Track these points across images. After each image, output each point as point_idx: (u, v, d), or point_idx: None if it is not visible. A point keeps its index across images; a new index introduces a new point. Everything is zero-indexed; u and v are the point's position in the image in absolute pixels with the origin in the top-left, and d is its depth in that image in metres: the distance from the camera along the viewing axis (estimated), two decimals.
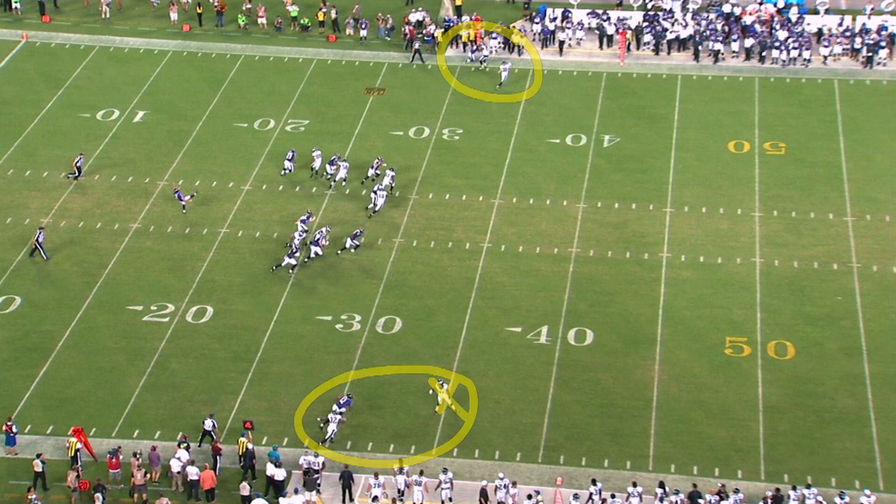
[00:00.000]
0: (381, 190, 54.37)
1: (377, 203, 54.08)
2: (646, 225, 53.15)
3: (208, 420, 42.67)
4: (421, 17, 68.98)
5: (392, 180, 55.32)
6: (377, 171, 56.21)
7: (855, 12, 67.70)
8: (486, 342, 47.32)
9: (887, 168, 56.21)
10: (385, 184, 54.90)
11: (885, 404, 43.44)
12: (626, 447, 42.38)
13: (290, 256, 50.58)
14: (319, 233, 51.60)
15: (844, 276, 49.63)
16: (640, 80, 64.51)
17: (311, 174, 56.92)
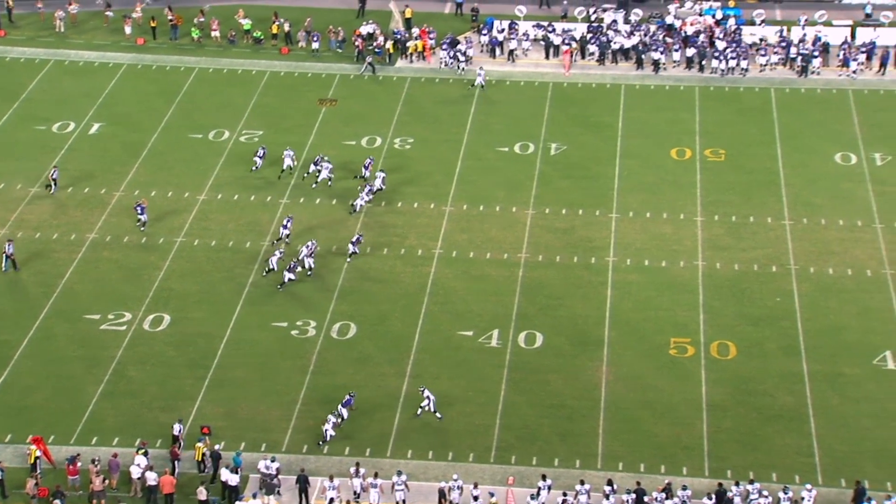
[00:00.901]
0: (370, 192, 54.60)
1: (358, 203, 54.29)
2: (592, 230, 53.53)
3: (177, 425, 42.42)
4: (371, 29, 69.04)
5: (383, 182, 55.51)
6: (368, 171, 56.23)
7: (790, 23, 68.60)
8: (439, 346, 47.43)
9: (822, 173, 56.99)
10: (376, 186, 55.13)
11: (823, 401, 44.03)
12: (576, 446, 42.64)
13: (289, 271, 50.15)
14: (307, 247, 51.05)
15: (783, 278, 50.25)
16: (585, 89, 64.98)
17: (279, 174, 56.96)
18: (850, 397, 44.16)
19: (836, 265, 50.74)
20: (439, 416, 43.56)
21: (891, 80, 64.48)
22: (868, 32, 67.07)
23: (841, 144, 59.04)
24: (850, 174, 56.78)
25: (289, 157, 57.36)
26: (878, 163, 57.47)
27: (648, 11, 71.03)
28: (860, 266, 50.60)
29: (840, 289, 49.44)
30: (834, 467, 41.32)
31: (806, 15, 68.86)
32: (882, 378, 44.95)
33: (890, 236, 52.26)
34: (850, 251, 51.52)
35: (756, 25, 68.43)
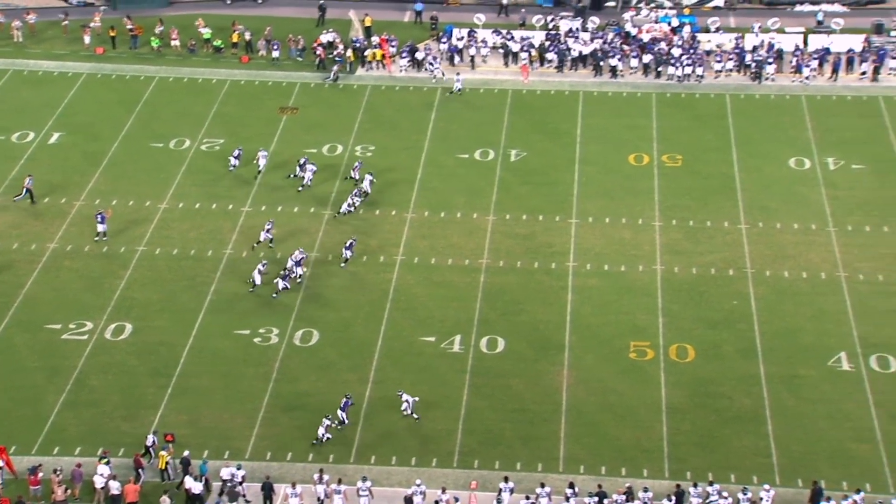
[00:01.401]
0: (359, 195, 54.79)
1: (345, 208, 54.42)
2: (552, 236, 53.73)
3: (150, 436, 42.15)
4: (331, 38, 68.96)
5: (370, 184, 55.68)
6: (357, 174, 56.36)
7: (744, 30, 69.23)
8: (402, 352, 47.42)
9: (777, 178, 57.52)
10: (363, 188, 55.33)
11: (780, 403, 44.41)
12: (538, 450, 42.77)
13: (283, 279, 49.93)
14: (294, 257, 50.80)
15: (740, 281, 50.66)
16: (544, 96, 65.25)
17: (256, 174, 57.34)
18: (807, 398, 44.58)
19: (792, 268, 51.23)
20: (416, 417, 43.50)
21: (843, 85, 65.20)
22: (820, 39, 67.81)
23: (795, 149, 59.62)
24: (804, 178, 57.36)
25: (263, 157, 57.63)
26: (831, 167, 58.09)
27: (605, 19, 71.47)
28: (815, 269, 51.12)
29: (795, 291, 49.90)
30: (791, 468, 41.69)
31: (759, 22, 69.54)
32: (837, 379, 45.42)
33: (843, 239, 52.84)
34: (804, 254, 52.03)
35: (711, 33, 69.00)
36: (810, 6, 73.25)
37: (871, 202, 55.27)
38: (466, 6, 75.55)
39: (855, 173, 57.50)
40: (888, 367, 45.78)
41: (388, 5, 75.46)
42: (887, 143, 59.67)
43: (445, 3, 75.66)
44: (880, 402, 44.13)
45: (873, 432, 42.89)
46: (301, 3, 75.32)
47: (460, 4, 75.92)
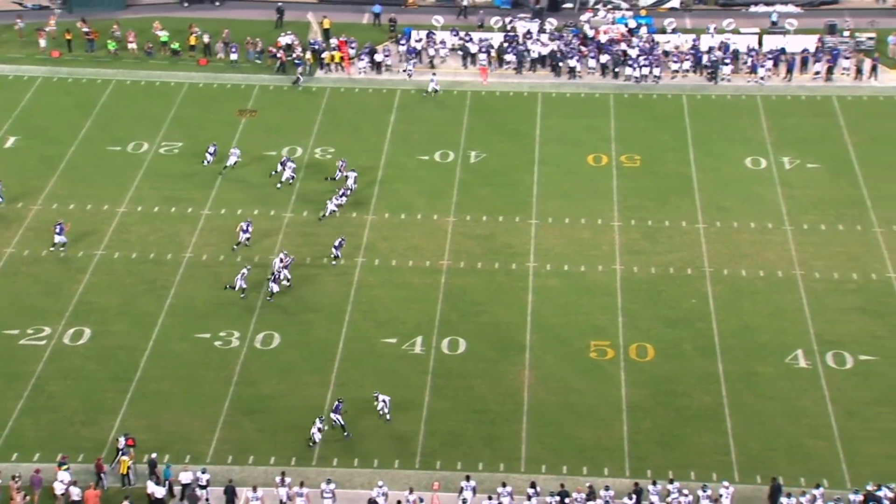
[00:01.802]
0: (344, 195, 54.89)
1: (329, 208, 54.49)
2: (513, 236, 53.84)
3: (121, 439, 41.83)
4: (290, 40, 68.72)
5: (354, 181, 55.75)
6: (343, 173, 56.40)
7: (700, 31, 69.73)
8: (363, 354, 47.33)
9: (733, 177, 57.97)
10: (349, 185, 55.50)
11: (738, 400, 44.74)
12: (500, 450, 42.83)
13: (274, 282, 49.71)
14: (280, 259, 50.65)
15: (698, 280, 51.00)
16: (503, 97, 65.38)
17: (222, 169, 57.44)
18: (765, 396, 44.94)
19: (749, 267, 51.64)
20: (389, 418, 43.46)
21: (797, 85, 65.83)
22: (775, 40, 68.44)
23: (751, 149, 60.11)
24: (761, 178, 57.84)
25: (234, 155, 57.78)
26: (786, 166, 58.62)
27: (563, 21, 71.75)
28: (771, 267, 51.55)
29: (753, 290, 50.31)
30: (750, 464, 42.00)
31: (715, 23, 70.07)
32: (794, 376, 45.83)
33: (799, 238, 53.34)
34: (761, 253, 52.47)
35: (667, 34, 69.44)
36: (765, 7, 73.93)
37: (826, 201, 55.83)
38: (425, 8, 75.58)
39: (810, 172, 58.06)
40: (844, 363, 46.26)
41: (346, 7, 75.36)
42: (841, 143, 60.31)
43: (404, 6, 75.66)
44: (836, 399, 44.58)
45: (830, 429, 43.33)
46: (259, 6, 75.08)
47: (419, 7, 75.95)
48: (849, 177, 57.54)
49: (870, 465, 41.68)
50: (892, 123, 61.90)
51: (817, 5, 74.68)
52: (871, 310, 48.87)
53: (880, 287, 50.10)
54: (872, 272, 50.93)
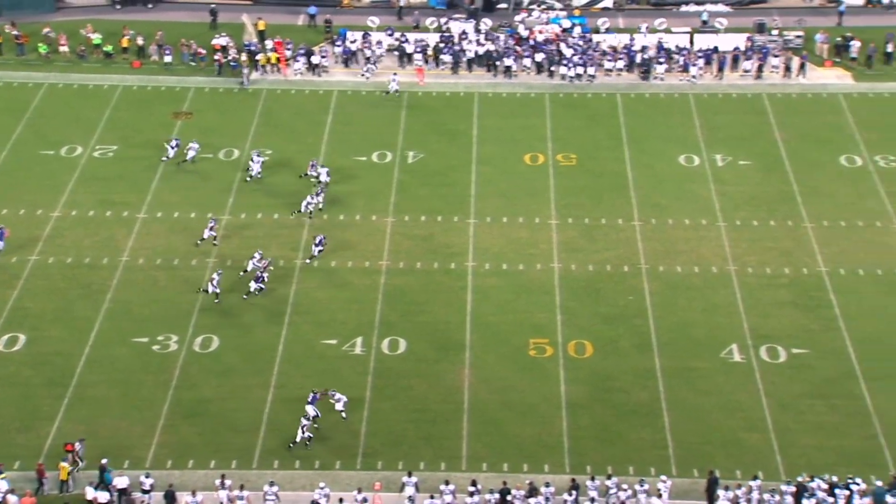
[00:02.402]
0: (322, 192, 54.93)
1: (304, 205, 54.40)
2: (451, 236, 53.93)
3: (77, 444, 41.38)
4: (224, 42, 68.21)
5: (328, 175, 55.94)
6: (314, 172, 56.44)
7: (632, 30, 70.34)
8: (303, 355, 47.15)
9: (668, 175, 58.54)
10: (323, 181, 55.55)
11: (675, 395, 45.20)
12: (441, 449, 42.89)
13: (256, 281, 49.49)
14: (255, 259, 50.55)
15: (634, 277, 51.46)
16: (440, 98, 65.45)
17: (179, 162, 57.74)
18: (701, 390, 45.46)
19: (684, 263, 52.21)
20: (345, 416, 43.33)
21: (728, 83, 66.66)
22: (706, 38, 69.26)
23: (684, 147, 60.76)
24: (694, 175, 58.48)
25: (193, 149, 57.80)
26: (719, 164, 59.31)
27: (497, 21, 72.01)
28: (706, 263, 52.17)
29: (688, 286, 50.87)
30: (687, 458, 42.46)
31: (647, 23, 70.73)
32: (729, 371, 46.42)
33: (733, 234, 54.03)
34: (696, 249, 53.07)
35: (601, 33, 69.96)
36: (695, 7, 74.79)
37: (757, 197, 56.61)
38: (360, 9, 75.43)
39: (742, 169, 58.82)
40: (777, 357, 46.95)
41: (280, 9, 74.97)
42: (772, 140, 61.17)
43: (339, 7, 75.45)
44: (770, 392, 45.23)
45: (765, 421, 43.95)
46: (192, 8, 74.47)
47: (354, 8, 75.77)
48: (779, 173, 58.40)
49: (803, 456, 42.37)
50: (820, 120, 62.91)
51: (746, 4, 75.73)
52: (802, 304, 49.65)
53: (811, 281, 50.91)
54: (804, 267, 51.75)
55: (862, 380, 45.60)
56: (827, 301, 49.67)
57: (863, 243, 53.02)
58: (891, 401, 44.59)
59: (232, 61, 66.94)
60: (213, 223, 52.76)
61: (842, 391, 45.16)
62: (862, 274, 51.13)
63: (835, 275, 51.12)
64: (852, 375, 45.86)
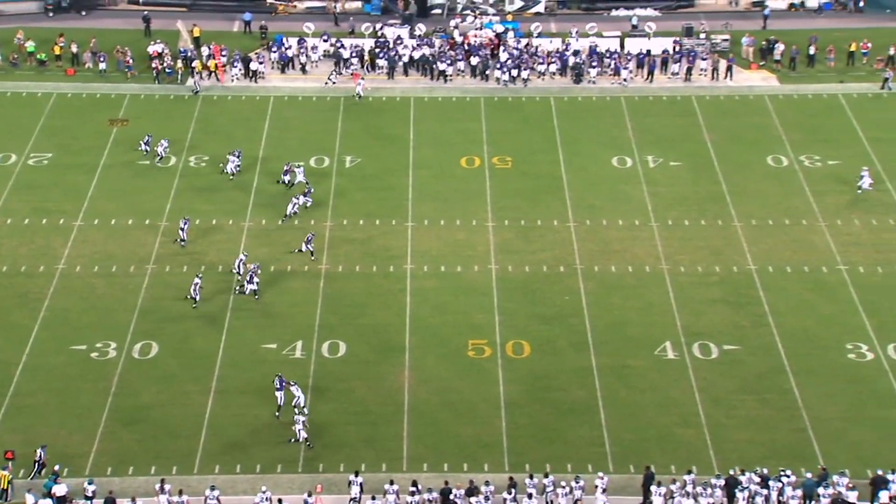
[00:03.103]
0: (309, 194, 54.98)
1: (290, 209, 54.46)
2: (390, 239, 53.84)
3: (39, 450, 40.87)
4: (160, 48, 67.48)
5: (304, 176, 56.23)
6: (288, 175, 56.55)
7: (564, 35, 70.76)
8: (244, 360, 46.77)
9: (601, 177, 58.93)
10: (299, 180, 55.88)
11: (611, 393, 45.51)
12: (382, 451, 42.79)
13: (249, 282, 49.33)
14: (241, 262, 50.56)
15: (570, 278, 51.74)
16: (376, 102, 65.32)
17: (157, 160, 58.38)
18: (636, 387, 45.81)
19: (618, 263, 52.60)
20: (307, 411, 43.27)
21: (658, 86, 67.30)
22: (636, 42, 69.88)
23: (617, 149, 61.20)
24: (627, 176, 58.94)
25: (162, 147, 58.33)
26: (650, 165, 59.85)
27: (432, 26, 72.08)
28: (639, 263, 52.60)
29: (622, 285, 51.24)
30: (623, 455, 42.76)
31: (578, 27, 71.18)
32: (664, 367, 46.84)
33: (665, 233, 54.53)
34: (629, 249, 53.49)
35: (534, 38, 70.29)
36: (625, 11, 75.46)
37: (688, 197, 57.20)
38: (295, 15, 75.07)
39: (673, 170, 59.40)
40: (710, 354, 47.47)
41: (216, 15, 74.40)
42: (701, 141, 61.85)
43: (274, 13, 75.03)
44: (703, 388, 45.71)
45: (698, 417, 44.40)
46: (126, 15, 73.71)
47: (289, 14, 75.39)
48: (709, 173, 59.05)
49: (735, 450, 42.86)
50: (747, 121, 63.73)
51: (674, 9, 76.58)
52: (733, 301, 50.26)
53: (741, 279, 51.56)
54: (734, 265, 52.39)
55: (791, 374, 46.27)
56: (756, 298, 50.34)
57: (790, 241, 53.80)
58: (818, 395, 45.30)
59: (167, 68, 66.24)
60: (185, 223, 52.59)
61: (772, 386, 45.78)
62: (789, 271, 51.89)
63: (763, 272, 51.82)
64: (781, 370, 46.52)
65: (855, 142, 61.26)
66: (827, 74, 67.98)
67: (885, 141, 61.29)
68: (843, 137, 61.73)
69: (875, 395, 45.20)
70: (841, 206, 56.10)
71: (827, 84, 67.01)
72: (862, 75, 67.80)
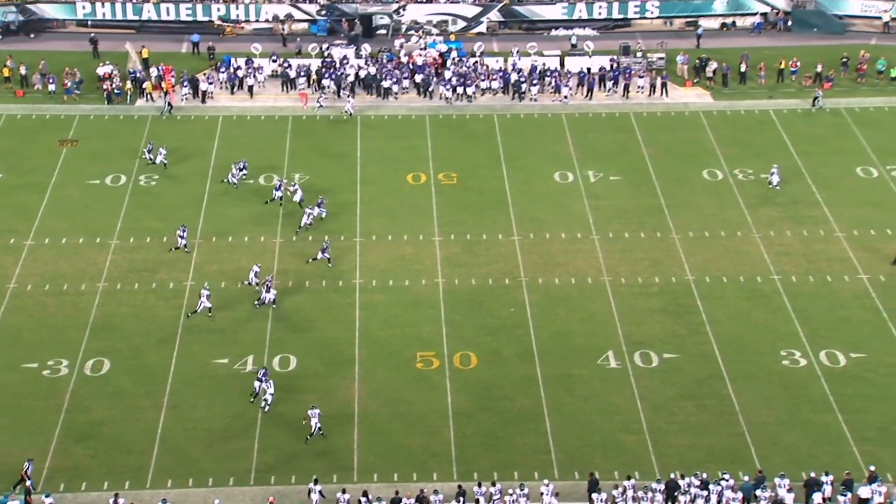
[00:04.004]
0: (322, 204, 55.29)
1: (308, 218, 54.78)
2: (338, 254, 53.62)
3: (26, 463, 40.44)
4: (109, 70, 66.91)
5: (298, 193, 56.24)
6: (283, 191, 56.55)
7: (506, 54, 71.21)
8: (195, 375, 46.42)
9: (544, 191, 59.27)
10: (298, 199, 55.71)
11: (556, 402, 45.71)
12: (333, 461, 42.63)
13: (267, 291, 49.40)
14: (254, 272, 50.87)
15: (515, 290, 51.95)
16: (324, 121, 65.25)
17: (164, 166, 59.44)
18: (580, 395, 46.07)
19: (561, 275, 52.90)
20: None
21: (597, 103, 67.89)
22: (575, 61, 70.49)
23: (559, 164, 61.61)
24: (569, 191, 59.34)
25: (162, 154, 59.03)
26: (591, 180, 60.29)
27: (377, 46, 72.18)
28: (582, 275, 52.95)
29: (566, 297, 51.54)
30: (568, 462, 42.94)
31: (519, 46, 71.65)
32: (606, 376, 47.14)
33: (606, 246, 54.94)
34: (572, 261, 53.82)
35: (477, 57, 70.63)
36: (564, 31, 76.11)
37: (628, 210, 57.71)
38: (243, 36, 74.83)
39: (613, 184, 59.91)
40: (650, 362, 47.86)
41: (164, 37, 73.96)
42: (640, 156, 62.45)
43: (222, 35, 74.74)
44: (644, 395, 46.06)
45: (640, 423, 44.73)
46: (74, 38, 73.11)
47: (237, 35, 75.13)
48: (647, 187, 59.63)
49: (676, 455, 43.23)
50: (682, 136, 64.43)
51: (612, 28, 77.37)
52: (672, 310, 50.75)
53: (680, 289, 52.08)
54: (672, 276, 52.91)
55: (728, 380, 46.78)
56: (694, 307, 50.87)
57: (725, 252, 54.46)
58: (754, 400, 45.84)
59: (116, 89, 65.72)
60: (182, 231, 52.59)
61: (710, 392, 46.26)
62: (725, 281, 52.51)
63: (701, 282, 52.41)
64: (719, 377, 47.02)
65: (786, 156, 62.22)
66: (758, 91, 69.05)
67: (814, 154, 62.35)
68: (775, 151, 62.67)
69: (808, 400, 45.84)
70: (774, 217, 56.91)
71: (758, 100, 68.05)
72: (791, 91, 68.93)
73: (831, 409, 45.28)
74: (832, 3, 77.59)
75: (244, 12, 75.76)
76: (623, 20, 77.73)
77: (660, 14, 77.77)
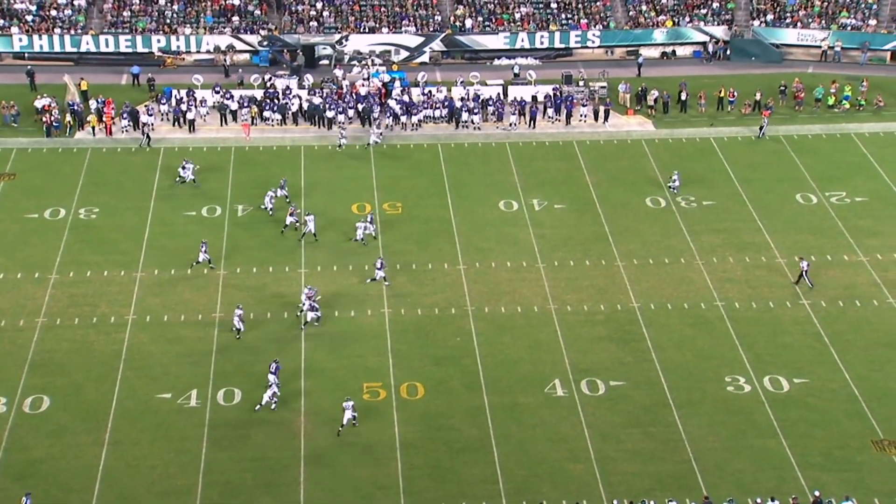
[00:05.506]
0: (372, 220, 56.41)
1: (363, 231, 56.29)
2: (283, 286, 53.43)
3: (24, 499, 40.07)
4: (46, 102, 66.19)
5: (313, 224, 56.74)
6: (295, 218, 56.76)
7: (450, 83, 71.57)
8: (138, 411, 45.81)
9: (488, 220, 59.50)
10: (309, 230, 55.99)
11: (504, 431, 45.70)
12: (279, 496, 42.23)
13: (312, 310, 49.81)
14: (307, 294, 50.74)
15: (462, 319, 51.98)
16: (267, 152, 65.03)
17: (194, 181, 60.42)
18: (527, 424, 46.11)
19: (507, 304, 53.04)
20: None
21: (540, 132, 68.41)
22: (518, 90, 71.02)
23: (503, 193, 61.91)
24: (514, 219, 59.62)
25: (189, 168, 60.15)
26: (536, 208, 60.65)
27: (320, 76, 72.20)
28: (528, 303, 53.12)
29: (512, 325, 51.66)
30: (516, 491, 42.90)
31: (462, 76, 72.07)
32: (553, 404, 47.24)
33: (551, 274, 55.22)
34: (518, 290, 54.01)
35: (420, 86, 70.91)
36: (507, 60, 76.69)
37: (573, 238, 58.07)
38: (184, 68, 74.47)
39: (557, 213, 60.30)
40: (597, 390, 48.07)
41: (103, 69, 73.38)
42: (584, 184, 62.95)
43: (162, 66, 74.31)
44: (592, 424, 46.22)
45: (587, 451, 44.85)
46: (9, 70, 72.28)
47: (177, 67, 74.74)
48: (592, 215, 60.08)
49: (623, 483, 43.38)
50: (625, 163, 65.11)
51: (553, 58, 78.12)
52: (618, 338, 51.06)
53: (625, 316, 52.45)
54: (618, 303, 53.27)
55: (674, 407, 47.11)
56: (640, 335, 51.24)
57: (670, 279, 54.98)
58: (700, 426, 46.18)
59: (55, 122, 65.02)
60: (204, 246, 53.22)
61: (656, 419, 46.53)
62: (670, 308, 52.98)
63: (646, 309, 52.81)
64: (665, 404, 47.33)
65: (727, 183, 63.09)
66: (699, 119, 70.02)
67: (755, 181, 63.27)
68: (716, 179, 63.53)
69: (753, 426, 46.28)
70: (716, 244, 57.61)
71: (699, 128, 69.00)
72: (731, 119, 69.98)
73: (776, 434, 45.77)
74: (770, 33, 79.07)
75: (185, 43, 75.45)
76: (565, 49, 78.55)
77: (601, 44, 78.72)
